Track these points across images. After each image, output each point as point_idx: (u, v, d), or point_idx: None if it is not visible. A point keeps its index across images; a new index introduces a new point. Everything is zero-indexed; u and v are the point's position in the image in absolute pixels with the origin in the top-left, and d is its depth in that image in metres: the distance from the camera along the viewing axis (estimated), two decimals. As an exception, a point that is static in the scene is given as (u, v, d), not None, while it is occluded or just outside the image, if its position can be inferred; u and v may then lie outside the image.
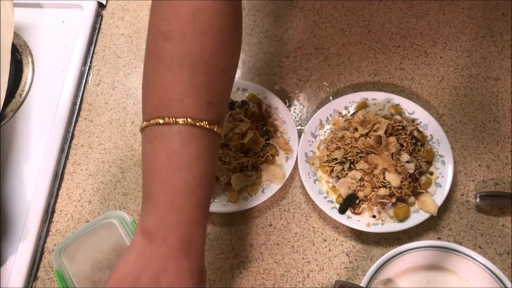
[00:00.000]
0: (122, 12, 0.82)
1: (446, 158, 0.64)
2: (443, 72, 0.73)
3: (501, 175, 0.66)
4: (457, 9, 0.77)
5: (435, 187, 0.63)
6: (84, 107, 0.75)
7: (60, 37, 0.80)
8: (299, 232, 0.65)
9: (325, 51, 0.76)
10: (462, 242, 0.62)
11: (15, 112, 0.74)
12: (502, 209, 0.64)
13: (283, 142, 0.68)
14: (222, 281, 0.62)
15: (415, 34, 0.76)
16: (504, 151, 0.67)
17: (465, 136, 0.68)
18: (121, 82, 0.77)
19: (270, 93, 0.70)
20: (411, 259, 0.57)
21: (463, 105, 0.71)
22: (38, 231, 0.66)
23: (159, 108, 0.46)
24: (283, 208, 0.66)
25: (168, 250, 0.44)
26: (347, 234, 0.64)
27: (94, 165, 0.71)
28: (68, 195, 0.69)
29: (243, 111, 0.69)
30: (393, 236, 0.63)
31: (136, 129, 0.73)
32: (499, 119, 0.69)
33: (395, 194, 0.61)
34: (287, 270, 0.62)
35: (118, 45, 0.80)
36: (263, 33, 0.78)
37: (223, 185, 0.65)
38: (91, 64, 0.78)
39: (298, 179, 0.67)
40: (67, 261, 0.56)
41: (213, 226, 0.66)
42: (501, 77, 0.72)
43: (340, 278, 0.61)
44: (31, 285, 0.64)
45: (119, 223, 0.57)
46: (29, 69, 0.77)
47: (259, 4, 0.80)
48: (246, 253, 0.64)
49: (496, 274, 0.55)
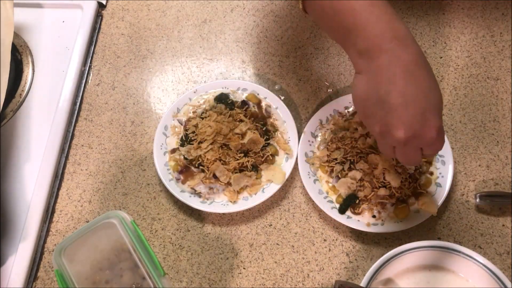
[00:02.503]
0: (122, 12, 0.82)
1: (446, 158, 0.64)
2: (443, 72, 0.73)
3: (501, 175, 0.66)
4: (457, 9, 0.77)
5: (435, 187, 0.63)
6: (84, 107, 0.75)
7: (60, 37, 0.80)
8: (299, 232, 0.65)
9: (325, 51, 0.76)
10: (462, 242, 0.62)
11: (15, 112, 0.74)
12: (502, 209, 0.64)
13: (283, 142, 0.68)
14: (222, 281, 0.62)
15: (415, 34, 0.76)
16: (504, 151, 0.67)
17: (465, 136, 0.68)
18: (121, 82, 0.77)
19: (270, 93, 0.70)
20: (411, 259, 0.57)
21: (463, 105, 0.71)
22: (38, 231, 0.66)
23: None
24: (283, 208, 0.66)
25: (386, 54, 0.48)
26: (347, 234, 0.64)
27: (94, 165, 0.71)
28: (68, 195, 0.69)
29: (243, 111, 0.69)
30: (393, 236, 0.63)
31: (136, 129, 0.73)
32: (499, 119, 0.69)
33: (395, 194, 0.62)
34: (287, 270, 0.62)
35: (118, 45, 0.80)
36: (263, 33, 0.78)
37: (223, 185, 0.65)
38: (91, 64, 0.78)
39: (298, 179, 0.67)
40: (67, 261, 0.56)
41: (213, 226, 0.66)
42: (501, 77, 0.72)
43: (340, 278, 0.61)
44: (31, 285, 0.64)
45: (119, 223, 0.57)
46: (29, 69, 0.77)
47: (259, 4, 0.80)
48: (246, 253, 0.64)
49: (496, 274, 0.55)
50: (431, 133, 0.48)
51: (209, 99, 0.71)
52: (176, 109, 0.71)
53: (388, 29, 0.48)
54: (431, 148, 0.50)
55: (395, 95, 0.47)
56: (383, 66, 0.48)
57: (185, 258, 0.64)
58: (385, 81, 0.48)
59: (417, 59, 0.48)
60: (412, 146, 0.49)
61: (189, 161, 0.66)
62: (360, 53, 0.50)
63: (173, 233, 0.66)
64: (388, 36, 0.48)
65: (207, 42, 0.79)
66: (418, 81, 0.48)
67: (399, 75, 0.47)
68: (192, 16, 0.81)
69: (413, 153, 0.51)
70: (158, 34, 0.80)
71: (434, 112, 0.48)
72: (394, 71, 0.48)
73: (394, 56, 0.48)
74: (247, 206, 0.64)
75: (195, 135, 0.67)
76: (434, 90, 0.49)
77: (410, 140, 0.48)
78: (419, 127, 0.47)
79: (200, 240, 0.65)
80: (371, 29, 0.49)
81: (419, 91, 0.47)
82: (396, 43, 0.48)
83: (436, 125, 0.48)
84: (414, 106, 0.47)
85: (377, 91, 0.49)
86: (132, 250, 0.56)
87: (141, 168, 0.70)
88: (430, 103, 0.48)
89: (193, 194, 0.66)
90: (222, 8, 0.81)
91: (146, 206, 0.68)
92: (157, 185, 0.69)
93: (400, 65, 0.48)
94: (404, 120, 0.47)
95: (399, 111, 0.47)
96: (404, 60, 0.48)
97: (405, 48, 0.48)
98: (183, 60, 0.78)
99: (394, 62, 0.48)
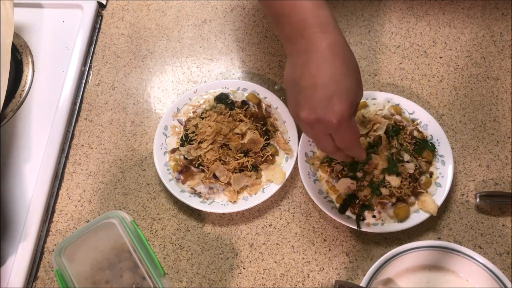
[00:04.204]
0: (122, 12, 0.82)
1: (446, 158, 0.64)
2: (443, 72, 0.73)
3: (501, 175, 0.66)
4: (457, 9, 0.77)
5: (435, 187, 0.63)
6: (84, 107, 0.75)
7: (60, 37, 0.80)
8: (299, 232, 0.65)
9: (325, 51, 0.76)
10: (462, 242, 0.62)
11: (15, 112, 0.74)
12: (502, 209, 0.64)
13: (283, 142, 0.68)
14: (222, 281, 0.62)
15: (415, 34, 0.76)
16: (504, 151, 0.67)
17: (465, 136, 0.68)
18: (121, 82, 0.77)
19: (270, 93, 0.70)
20: (411, 259, 0.57)
21: (463, 105, 0.71)
22: (38, 231, 0.66)
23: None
24: (283, 208, 0.66)
25: (305, 40, 0.50)
26: (347, 234, 0.64)
27: (94, 165, 0.71)
28: (68, 195, 0.69)
29: (243, 111, 0.69)
30: (393, 236, 0.63)
31: (136, 129, 0.73)
32: (499, 119, 0.69)
33: (395, 194, 0.62)
34: (287, 270, 0.62)
35: (118, 45, 0.80)
36: (263, 33, 0.78)
37: (223, 185, 0.65)
38: (91, 64, 0.78)
39: (298, 179, 0.67)
40: (67, 261, 0.56)
41: (213, 226, 0.66)
42: (501, 77, 0.72)
43: (340, 278, 0.61)
44: (31, 285, 0.64)
45: (119, 223, 0.57)
46: (29, 69, 0.77)
47: (259, 4, 0.80)
48: (246, 253, 0.64)
49: (496, 274, 0.55)
50: (331, 118, 0.48)
51: (209, 99, 0.71)
52: (176, 109, 0.71)
53: (310, 16, 0.50)
54: (336, 136, 0.50)
55: (307, 78, 0.49)
56: (301, 50, 0.50)
57: (185, 258, 0.64)
58: (300, 65, 0.50)
59: (333, 45, 0.49)
60: (320, 130, 0.50)
61: (189, 161, 0.66)
62: (286, 38, 0.53)
63: (173, 233, 0.66)
64: (309, 22, 0.50)
65: (207, 42, 0.79)
66: (329, 67, 0.49)
67: (312, 59, 0.49)
68: (192, 16, 0.81)
69: (322, 138, 0.52)
70: (158, 34, 0.80)
71: (340, 98, 0.48)
72: (309, 55, 0.49)
73: (311, 42, 0.50)
74: (247, 206, 0.64)
75: (195, 135, 0.67)
76: (347, 77, 0.49)
77: (314, 123, 0.49)
78: (322, 111, 0.48)
79: (200, 240, 0.65)
80: (295, 16, 0.51)
81: (330, 76, 0.48)
82: (316, 30, 0.50)
83: (339, 111, 0.48)
84: (322, 90, 0.48)
85: (294, 74, 0.51)
86: (132, 250, 0.56)
87: (141, 168, 0.70)
88: (339, 89, 0.48)
89: (193, 194, 0.66)
90: (222, 8, 0.81)
91: (146, 206, 0.68)
92: (157, 185, 0.69)
93: (316, 51, 0.49)
94: (311, 102, 0.49)
95: (307, 93, 0.49)
96: (320, 45, 0.49)
97: (323, 35, 0.49)
98: (183, 60, 0.78)
99: (310, 48, 0.50)
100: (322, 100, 0.48)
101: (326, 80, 0.48)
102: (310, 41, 0.50)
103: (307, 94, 0.49)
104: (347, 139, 0.51)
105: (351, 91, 0.49)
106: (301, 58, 0.50)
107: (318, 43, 0.49)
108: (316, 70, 0.49)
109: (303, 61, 0.50)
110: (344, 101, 0.48)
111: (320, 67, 0.49)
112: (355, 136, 0.51)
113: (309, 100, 0.49)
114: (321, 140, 0.52)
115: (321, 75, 0.48)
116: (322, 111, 0.48)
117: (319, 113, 0.48)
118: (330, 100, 0.48)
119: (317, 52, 0.49)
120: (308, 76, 0.49)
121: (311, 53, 0.49)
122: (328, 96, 0.48)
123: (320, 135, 0.51)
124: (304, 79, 0.49)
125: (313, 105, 0.48)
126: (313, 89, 0.49)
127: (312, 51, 0.49)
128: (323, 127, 0.49)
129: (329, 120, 0.48)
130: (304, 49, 0.50)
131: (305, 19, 0.50)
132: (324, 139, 0.52)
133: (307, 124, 0.50)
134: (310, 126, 0.50)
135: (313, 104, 0.48)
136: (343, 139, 0.51)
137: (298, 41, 0.51)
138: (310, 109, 0.49)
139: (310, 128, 0.51)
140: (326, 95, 0.48)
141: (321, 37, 0.49)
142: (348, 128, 0.49)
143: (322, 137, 0.51)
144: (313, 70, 0.49)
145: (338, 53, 0.49)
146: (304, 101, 0.49)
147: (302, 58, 0.50)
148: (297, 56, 0.51)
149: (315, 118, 0.49)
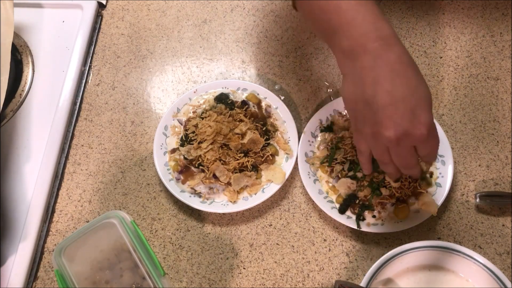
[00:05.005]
0: (122, 12, 0.82)
1: (446, 158, 0.64)
2: (443, 72, 0.73)
3: (501, 175, 0.66)
4: (457, 9, 0.77)
5: (435, 187, 0.63)
6: (84, 107, 0.75)
7: (60, 37, 0.80)
8: (299, 232, 0.65)
9: (325, 51, 0.76)
10: (462, 242, 0.62)
11: (15, 112, 0.74)
12: (502, 209, 0.64)
13: (283, 142, 0.68)
14: (222, 281, 0.62)
15: (415, 34, 0.76)
16: (504, 151, 0.67)
17: (465, 136, 0.68)
18: (121, 82, 0.77)
19: (270, 93, 0.70)
20: (411, 259, 0.57)
21: (463, 105, 0.71)
22: (38, 231, 0.66)
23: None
24: (283, 208, 0.66)
25: (371, 55, 0.48)
26: (347, 234, 0.64)
27: (94, 165, 0.71)
28: (68, 195, 0.69)
29: (243, 111, 0.69)
30: (393, 236, 0.63)
31: (136, 129, 0.73)
32: (499, 119, 0.69)
33: (395, 194, 0.62)
34: (287, 270, 0.62)
35: (118, 45, 0.80)
36: (263, 33, 0.78)
37: (223, 185, 0.65)
38: (91, 64, 0.78)
39: (298, 179, 0.67)
40: (67, 261, 0.56)
41: (213, 226, 0.66)
42: (501, 77, 0.72)
43: (340, 278, 0.61)
44: (31, 285, 0.64)
45: (119, 223, 0.57)
46: (29, 69, 0.77)
47: (259, 4, 0.80)
48: (246, 253, 0.64)
49: (496, 274, 0.55)
50: (421, 129, 0.47)
51: (209, 99, 0.71)
52: (176, 109, 0.71)
53: (372, 29, 0.48)
54: (424, 146, 0.50)
55: (383, 95, 0.47)
56: (368, 66, 0.48)
57: (185, 258, 0.64)
58: (370, 82, 0.48)
59: (401, 57, 0.48)
60: (405, 145, 0.49)
61: (189, 161, 0.66)
62: (345, 53, 0.50)
63: (173, 233, 0.66)
64: (372, 35, 0.48)
65: (207, 42, 0.79)
66: (404, 80, 0.48)
67: (384, 75, 0.47)
68: (192, 16, 0.81)
69: (407, 153, 0.50)
70: (158, 34, 0.80)
71: (423, 108, 0.48)
72: (379, 71, 0.48)
73: (378, 56, 0.48)
74: (247, 206, 0.64)
75: (195, 135, 0.67)
76: (421, 87, 0.49)
77: (401, 139, 0.48)
78: (409, 124, 0.47)
79: (200, 240, 0.65)
80: (356, 29, 0.49)
81: (406, 89, 0.47)
82: (380, 42, 0.48)
83: (426, 121, 0.47)
84: (403, 104, 0.47)
85: (364, 93, 0.49)
86: (132, 250, 0.56)
87: (141, 168, 0.70)
88: (419, 100, 0.48)
89: (193, 194, 0.66)
90: (222, 8, 0.81)
91: (146, 206, 0.68)
92: (157, 185, 0.69)
93: (384, 65, 0.48)
94: (394, 119, 0.47)
95: (388, 110, 0.47)
96: (388, 59, 0.48)
97: (389, 48, 0.48)
98: (183, 60, 0.78)
99: (378, 62, 0.48)
100: (406, 114, 0.47)
101: (405, 94, 0.47)
102: (376, 56, 0.48)
103: (388, 112, 0.47)
104: (434, 145, 0.50)
105: (428, 99, 0.49)
106: (369, 76, 0.48)
107: (385, 58, 0.48)
108: (392, 86, 0.47)
109: (373, 79, 0.48)
110: (426, 110, 0.48)
111: (395, 82, 0.47)
112: (438, 141, 0.51)
113: (391, 118, 0.47)
114: (406, 156, 0.50)
115: (398, 90, 0.47)
116: (409, 125, 0.47)
117: (406, 127, 0.47)
118: (414, 113, 0.47)
119: (386, 66, 0.47)
120: (384, 94, 0.47)
121: (380, 69, 0.48)
122: (410, 109, 0.47)
123: (405, 151, 0.50)
124: (381, 97, 0.47)
125: (397, 122, 0.47)
126: (394, 105, 0.47)
127: (380, 66, 0.48)
128: (411, 140, 0.48)
129: (419, 132, 0.47)
130: (370, 65, 0.48)
131: (367, 32, 0.48)
132: (410, 153, 0.50)
133: (391, 142, 0.48)
134: (396, 144, 0.48)
135: (398, 121, 0.47)
136: (431, 146, 0.50)
137: (360, 56, 0.49)
138: (395, 126, 0.47)
139: (395, 145, 0.49)
140: (409, 108, 0.47)
141: (387, 51, 0.48)
142: (436, 135, 0.50)
143: (407, 152, 0.50)
144: (388, 87, 0.47)
145: (408, 64, 0.48)
146: (386, 120, 0.48)
147: (370, 76, 0.48)
148: (363, 73, 0.49)
149: (403, 134, 0.47)
